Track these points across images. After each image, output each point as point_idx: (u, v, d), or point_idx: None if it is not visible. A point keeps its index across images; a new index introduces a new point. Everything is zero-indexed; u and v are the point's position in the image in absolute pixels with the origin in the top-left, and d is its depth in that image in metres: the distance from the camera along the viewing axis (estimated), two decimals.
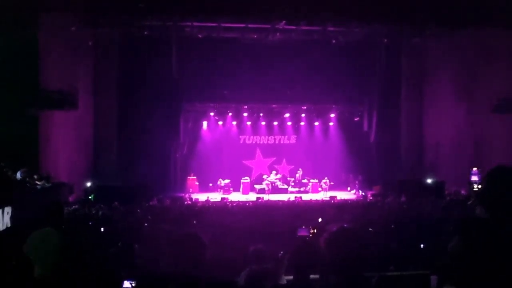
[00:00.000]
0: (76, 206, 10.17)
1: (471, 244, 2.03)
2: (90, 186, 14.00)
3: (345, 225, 2.25)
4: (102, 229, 6.73)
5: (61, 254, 2.50)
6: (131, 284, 2.51)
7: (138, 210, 9.72)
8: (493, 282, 1.96)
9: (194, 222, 7.18)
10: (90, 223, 7.40)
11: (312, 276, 2.46)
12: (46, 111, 12.37)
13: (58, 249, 2.52)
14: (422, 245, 5.80)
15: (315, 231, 3.78)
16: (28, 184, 9.15)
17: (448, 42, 15.37)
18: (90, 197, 12.88)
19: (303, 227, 3.62)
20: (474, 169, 13.50)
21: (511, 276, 1.95)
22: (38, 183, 9.69)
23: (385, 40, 16.44)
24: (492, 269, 1.97)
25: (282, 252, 2.83)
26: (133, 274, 2.69)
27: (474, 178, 13.41)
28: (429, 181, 14.84)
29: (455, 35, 14.86)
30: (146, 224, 7.62)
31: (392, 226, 7.13)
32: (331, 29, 15.41)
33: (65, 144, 13.60)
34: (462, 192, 13.16)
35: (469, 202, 9.19)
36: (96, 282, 2.44)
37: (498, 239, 2.00)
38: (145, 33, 14.71)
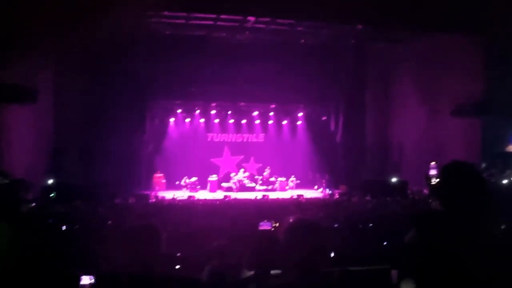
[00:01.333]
0: (35, 204, 9.83)
1: (425, 236, 2.09)
2: (51, 184, 13.58)
3: (302, 217, 2.26)
4: (63, 228, 6.54)
5: (13, 250, 2.41)
6: (90, 279, 2.45)
7: (101, 209, 9.51)
8: (447, 272, 2.03)
9: (158, 220, 7.08)
10: (50, 221, 7.17)
11: (273, 271, 2.47)
12: (2, 105, 11.91)
13: (10, 245, 2.42)
14: (384, 243, 5.93)
15: (277, 224, 3.79)
16: None
17: (411, 47, 15.84)
18: (51, 195, 12.49)
19: (265, 221, 3.62)
20: (432, 163, 13.83)
21: (463, 267, 2.01)
22: None
23: (353, 41, 16.73)
24: (445, 260, 2.03)
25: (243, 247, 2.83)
26: (92, 271, 2.62)
27: (432, 172, 13.72)
28: (393, 180, 15.18)
29: (417, 40, 15.32)
30: (109, 222, 7.47)
31: (359, 225, 7.25)
32: (300, 29, 15.56)
33: (24, 141, 13.12)
34: (424, 191, 13.52)
35: (430, 200, 9.46)
36: (52, 278, 2.37)
37: (451, 231, 2.07)
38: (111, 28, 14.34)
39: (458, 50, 14.24)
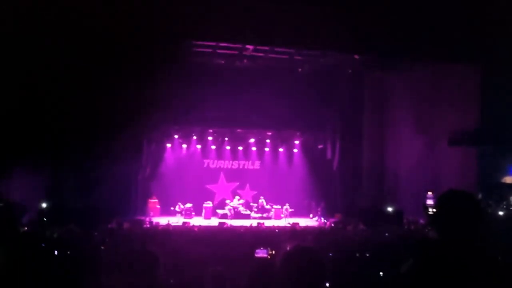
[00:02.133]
0: (28, 228, 9.72)
1: (423, 265, 2.09)
2: (46, 207, 13.46)
3: (300, 244, 2.26)
4: (55, 252, 6.45)
5: (4, 274, 2.37)
6: None
7: (96, 233, 9.41)
8: None
9: (151, 245, 7.00)
10: (43, 245, 7.06)
11: None
12: None
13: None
14: (381, 273, 5.87)
15: (274, 252, 3.76)
16: None
17: (407, 75, 16.05)
18: (45, 219, 12.36)
19: (261, 248, 3.59)
20: (429, 193, 13.88)
21: None
22: None
23: (349, 70, 16.96)
24: None
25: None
26: None
27: (429, 201, 13.77)
28: (389, 209, 15.14)
29: (413, 69, 15.55)
30: (102, 248, 7.38)
31: (356, 254, 7.18)
32: (298, 57, 15.80)
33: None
34: (420, 221, 13.47)
35: (427, 230, 9.41)
36: None
37: (448, 260, 2.07)
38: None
39: (454, 79, 14.45)
